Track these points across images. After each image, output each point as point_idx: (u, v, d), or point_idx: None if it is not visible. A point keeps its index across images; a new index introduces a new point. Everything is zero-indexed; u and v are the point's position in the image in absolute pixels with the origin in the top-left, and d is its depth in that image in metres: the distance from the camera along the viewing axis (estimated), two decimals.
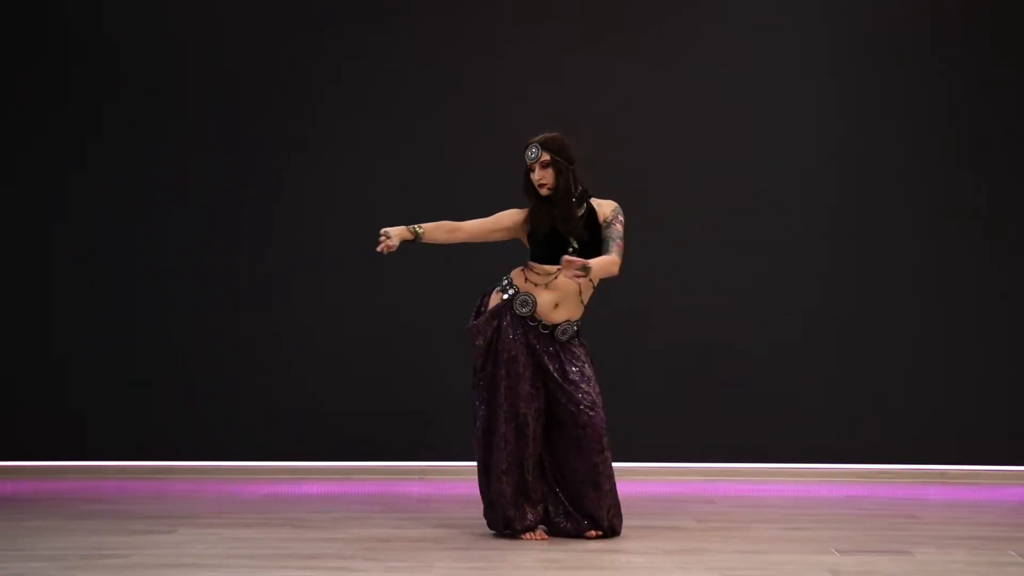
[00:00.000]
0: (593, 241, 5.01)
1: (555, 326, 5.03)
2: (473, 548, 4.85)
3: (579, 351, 5.07)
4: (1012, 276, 6.77)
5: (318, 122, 6.93)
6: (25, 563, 4.55)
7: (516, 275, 5.09)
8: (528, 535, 5.01)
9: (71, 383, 6.90)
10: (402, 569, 4.46)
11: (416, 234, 5.01)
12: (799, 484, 6.61)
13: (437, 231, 5.07)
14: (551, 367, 5.00)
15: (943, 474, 6.69)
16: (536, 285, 5.02)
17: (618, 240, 4.98)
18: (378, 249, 4.92)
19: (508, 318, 5.03)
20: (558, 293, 5.01)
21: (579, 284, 4.95)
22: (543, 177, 5.01)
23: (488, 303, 5.10)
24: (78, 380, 6.90)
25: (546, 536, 5.02)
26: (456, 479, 6.74)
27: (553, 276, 5.00)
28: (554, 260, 4.95)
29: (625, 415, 6.60)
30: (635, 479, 6.62)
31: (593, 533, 5.01)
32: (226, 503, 6.06)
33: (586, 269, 4.66)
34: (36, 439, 6.87)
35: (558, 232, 5.01)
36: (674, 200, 6.78)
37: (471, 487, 6.51)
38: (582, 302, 5.07)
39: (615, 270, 4.92)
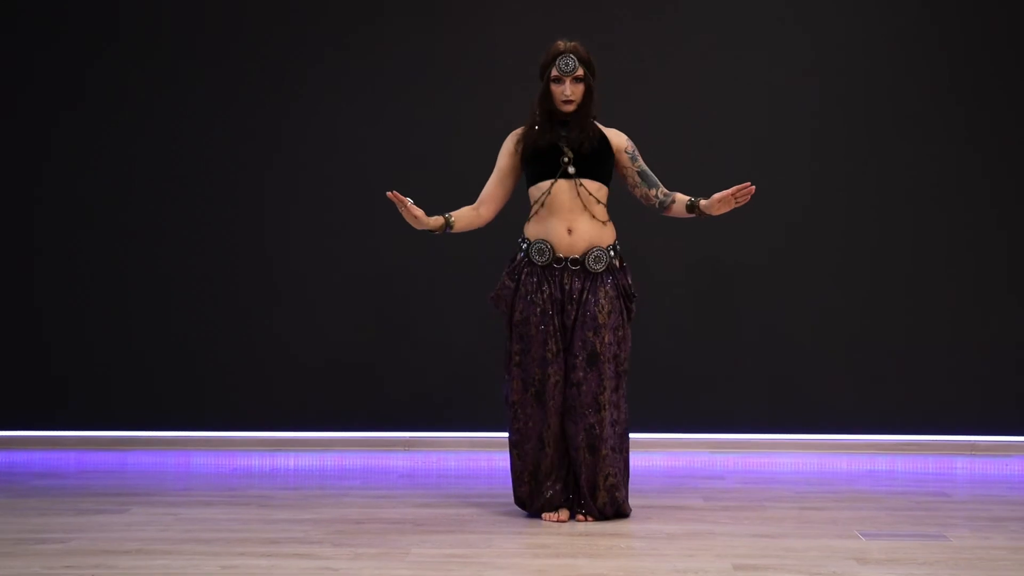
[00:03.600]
0: (595, 159, 4.51)
1: (584, 257, 4.50)
2: (456, 531, 4.35)
3: (607, 291, 4.49)
4: None
5: (312, 87, 6.41)
6: None
7: (526, 228, 4.59)
8: (547, 515, 4.50)
9: (38, 348, 6.40)
10: (373, 556, 3.96)
11: (448, 222, 4.56)
12: (816, 456, 6.11)
13: (464, 213, 4.64)
14: (571, 314, 4.48)
15: (972, 446, 6.18)
16: (542, 215, 4.52)
17: (652, 174, 4.67)
18: (398, 199, 4.48)
19: (524, 275, 4.54)
20: (560, 215, 4.50)
21: (581, 196, 4.49)
22: (574, 93, 4.48)
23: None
24: (48, 343, 6.40)
25: (566, 518, 4.51)
26: (444, 451, 6.23)
27: (547, 192, 4.50)
28: (542, 177, 4.51)
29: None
30: (637, 451, 6.08)
31: (580, 518, 4.50)
32: (191, 478, 5.58)
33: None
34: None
35: (555, 145, 4.51)
36: (694, 158, 6.24)
37: (460, 460, 6.08)
38: (595, 217, 4.51)
39: None
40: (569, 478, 4.54)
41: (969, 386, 6.24)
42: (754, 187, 4.45)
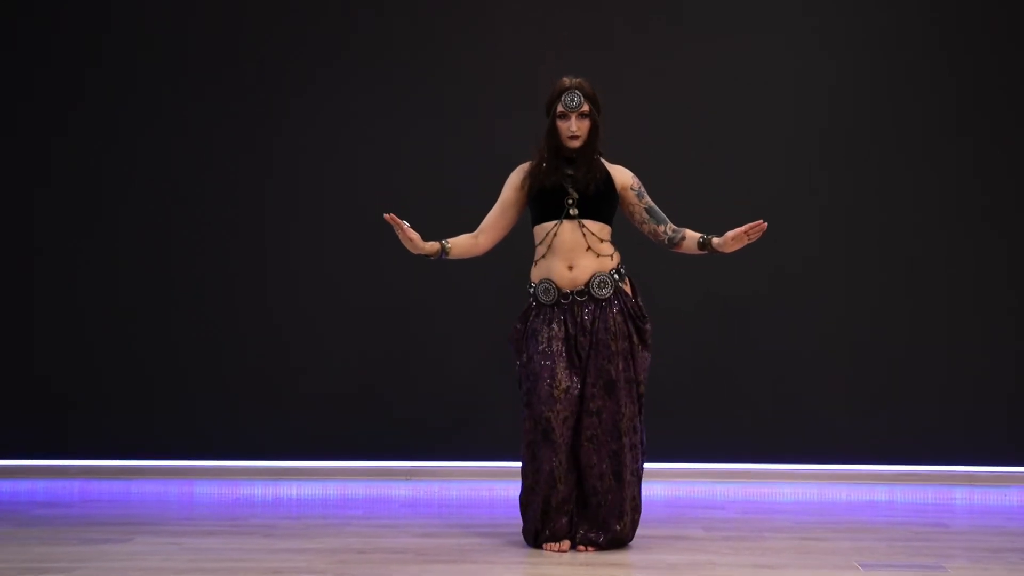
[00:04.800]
0: (599, 200, 4.56)
1: (587, 287, 4.55)
2: (458, 561, 4.38)
3: (616, 318, 4.55)
4: None
5: (311, 120, 6.50)
6: None
7: (532, 271, 4.66)
8: (549, 546, 4.53)
9: (40, 377, 6.45)
10: None
11: (444, 248, 4.61)
12: (815, 486, 6.14)
13: (462, 241, 4.69)
14: (584, 345, 4.54)
15: (971, 477, 6.21)
16: (545, 257, 4.58)
17: (659, 210, 4.73)
18: (395, 221, 4.55)
19: (532, 317, 4.61)
20: (563, 254, 4.56)
21: (585, 237, 4.55)
22: (579, 128, 4.56)
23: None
24: (48, 374, 6.45)
25: (567, 548, 4.53)
26: (445, 480, 6.27)
27: (551, 234, 4.56)
28: (548, 215, 4.56)
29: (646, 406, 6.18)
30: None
31: (581, 548, 4.53)
32: (194, 507, 5.62)
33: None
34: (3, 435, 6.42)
35: (560, 186, 4.56)
36: (683, 198, 6.27)
37: (461, 489, 6.11)
38: (598, 255, 4.57)
39: None
40: (573, 511, 4.57)
41: (968, 417, 6.28)
42: (766, 224, 4.50)
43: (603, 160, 4.67)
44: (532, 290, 4.63)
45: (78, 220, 6.49)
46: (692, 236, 4.67)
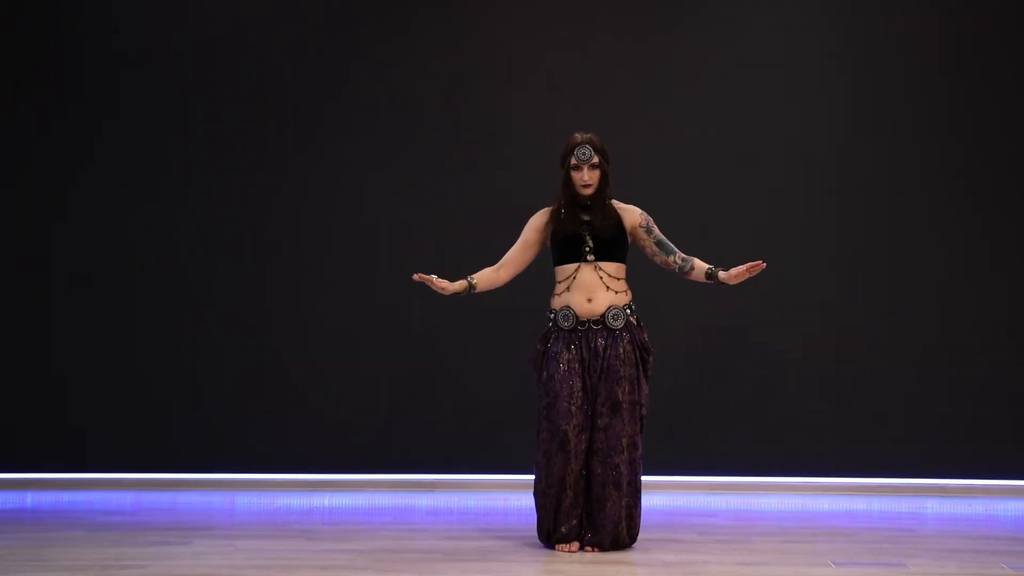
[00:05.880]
0: (612, 244, 5.20)
1: (603, 316, 5.18)
2: (481, 559, 5.00)
3: (625, 347, 5.19)
4: (1014, 291, 6.89)
5: (322, 131, 7.11)
6: (47, 572, 4.70)
7: (552, 301, 5.28)
8: (560, 547, 5.16)
9: (77, 400, 7.08)
10: None
11: (471, 284, 5.28)
12: (800, 497, 6.75)
13: (485, 274, 5.35)
14: (596, 368, 5.16)
15: (942, 488, 6.82)
16: (566, 291, 5.20)
17: (668, 241, 5.30)
18: (424, 279, 5.24)
19: (551, 340, 5.23)
20: (582, 290, 5.18)
21: (602, 278, 5.18)
22: (591, 178, 5.19)
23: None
24: (86, 397, 7.08)
25: (576, 549, 5.15)
26: (464, 491, 6.89)
27: (571, 278, 5.19)
28: (569, 259, 5.19)
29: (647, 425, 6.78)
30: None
31: (588, 549, 5.16)
32: (238, 515, 6.22)
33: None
34: (52, 452, 7.03)
35: (579, 233, 5.19)
36: (676, 212, 6.88)
37: (479, 499, 6.73)
38: (608, 287, 5.20)
39: None
40: (582, 515, 5.20)
41: (940, 435, 6.87)
42: (765, 264, 5.14)
43: (615, 202, 5.30)
44: (553, 316, 5.25)
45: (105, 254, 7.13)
46: (700, 267, 5.30)
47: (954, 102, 6.96)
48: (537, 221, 5.36)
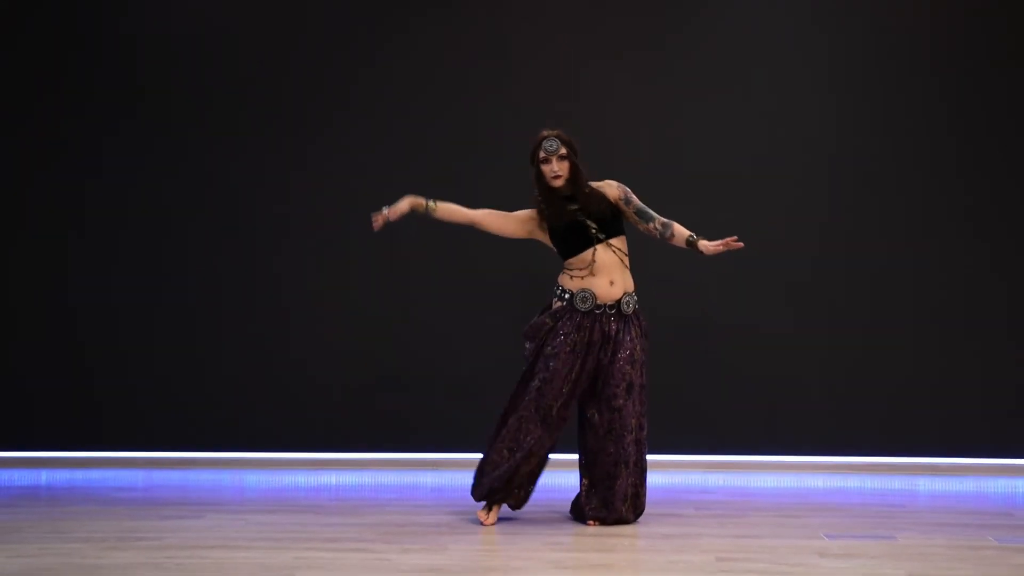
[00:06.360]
0: (611, 220, 5.36)
1: (618, 301, 5.35)
2: (485, 533, 5.17)
3: (636, 331, 5.38)
4: (1006, 272, 6.98)
5: (328, 123, 7.18)
6: (66, 544, 4.88)
7: (563, 280, 5.42)
8: (481, 513, 5.36)
9: (91, 381, 7.18)
10: (419, 550, 4.79)
11: (429, 207, 5.39)
12: (795, 475, 6.90)
13: (453, 207, 5.46)
14: (607, 351, 5.33)
15: (933, 467, 6.97)
16: (584, 277, 5.35)
17: (649, 209, 5.43)
18: (375, 224, 5.37)
19: (564, 319, 5.35)
20: (605, 272, 5.34)
21: (616, 253, 5.35)
22: (560, 169, 5.32)
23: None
24: (101, 379, 7.18)
25: (495, 520, 5.34)
26: (467, 470, 7.01)
27: (591, 263, 5.33)
28: (581, 249, 5.33)
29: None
30: None
31: (591, 522, 5.32)
32: (248, 491, 6.38)
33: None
34: (67, 431, 7.16)
35: (577, 221, 5.33)
36: (677, 199, 7.04)
37: None
38: (626, 267, 5.39)
39: None
40: (531, 488, 5.41)
41: (933, 413, 6.98)
42: (742, 244, 5.30)
43: (592, 184, 5.43)
44: (568, 296, 5.37)
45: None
46: (681, 233, 5.42)
47: (956, 91, 7.09)
48: (526, 213, 5.49)
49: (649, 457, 6.92)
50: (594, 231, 5.33)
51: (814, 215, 7.09)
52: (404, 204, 5.40)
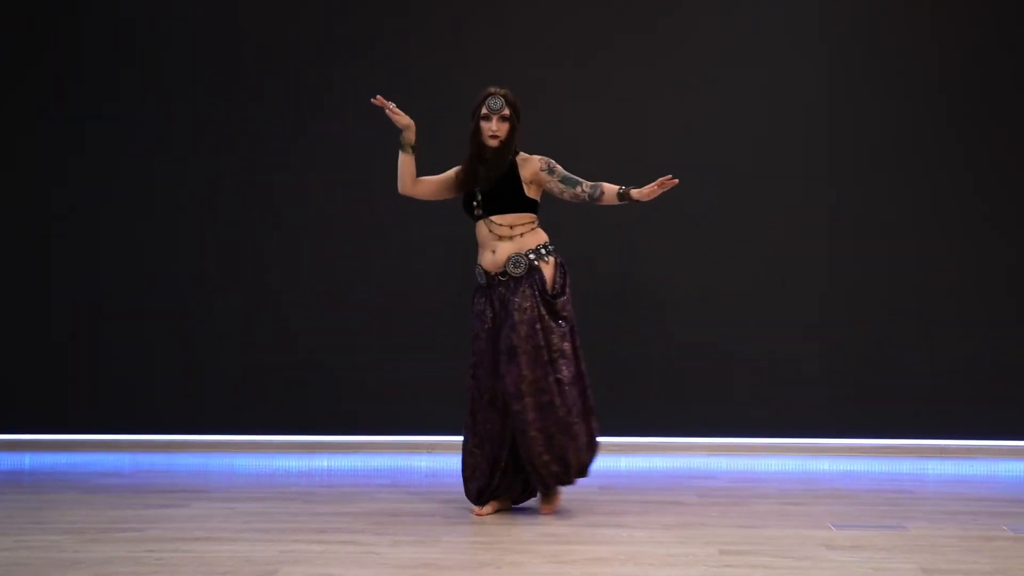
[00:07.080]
0: (501, 191, 5.12)
1: (505, 266, 5.13)
2: (479, 523, 4.99)
3: (525, 290, 5.08)
4: (1015, 253, 6.84)
5: (319, 107, 7.04)
6: (46, 536, 4.70)
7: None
8: (478, 509, 5.17)
9: (75, 362, 7.05)
10: (410, 542, 4.60)
11: (404, 145, 5.19)
12: (800, 459, 6.73)
13: (411, 168, 5.23)
14: (503, 316, 5.12)
15: (942, 449, 6.80)
16: (479, 249, 5.20)
17: (574, 175, 5.18)
18: (381, 102, 5.12)
19: (474, 298, 5.25)
20: (486, 245, 5.17)
21: (493, 231, 5.13)
22: (500, 129, 5.13)
23: None
24: (84, 360, 7.05)
25: (490, 511, 5.15)
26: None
27: (476, 236, 5.21)
28: (472, 219, 5.20)
29: (630, 391, 6.76)
30: (639, 454, 6.75)
31: (545, 508, 5.16)
32: (236, 477, 6.21)
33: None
34: (51, 414, 7.01)
35: (470, 193, 5.18)
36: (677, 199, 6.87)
37: None
38: (504, 237, 5.12)
39: None
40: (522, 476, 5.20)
41: (942, 395, 6.84)
42: (677, 180, 5.04)
43: (521, 155, 5.19)
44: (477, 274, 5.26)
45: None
46: (611, 189, 5.18)
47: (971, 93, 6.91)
48: (453, 172, 5.30)
49: (653, 439, 6.87)
50: (475, 205, 5.16)
51: (825, 197, 6.94)
52: (406, 121, 5.16)
